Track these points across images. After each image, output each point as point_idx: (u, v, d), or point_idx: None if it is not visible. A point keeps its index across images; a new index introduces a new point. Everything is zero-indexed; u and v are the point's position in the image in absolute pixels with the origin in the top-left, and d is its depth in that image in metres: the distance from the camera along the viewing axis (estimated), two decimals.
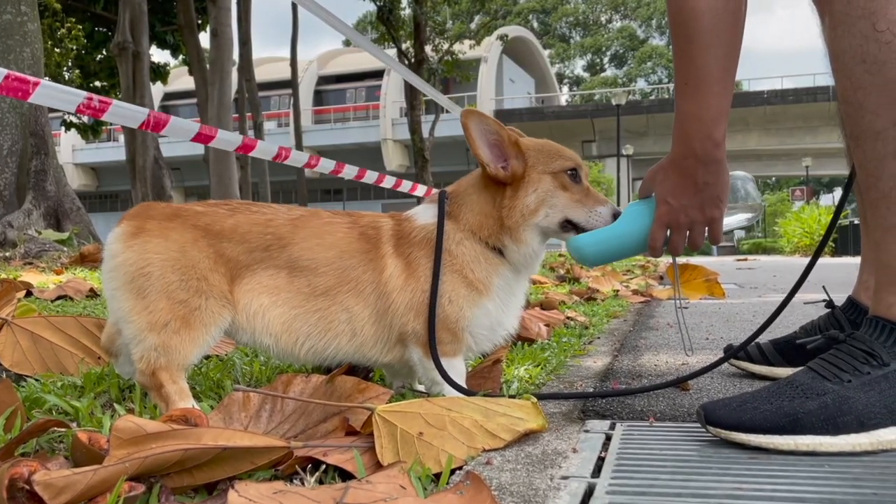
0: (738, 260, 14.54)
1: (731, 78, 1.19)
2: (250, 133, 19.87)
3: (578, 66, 73.71)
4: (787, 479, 0.87)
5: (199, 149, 22.60)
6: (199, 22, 17.72)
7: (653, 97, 53.59)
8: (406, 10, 22.24)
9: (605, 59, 71.77)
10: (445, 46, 23.02)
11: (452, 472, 0.94)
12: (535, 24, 69.82)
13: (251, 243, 1.29)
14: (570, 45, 71.86)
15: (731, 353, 1.43)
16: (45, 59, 6.94)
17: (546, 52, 56.54)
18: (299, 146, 23.84)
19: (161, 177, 14.33)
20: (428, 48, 22.10)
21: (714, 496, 0.82)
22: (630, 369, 1.69)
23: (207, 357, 1.69)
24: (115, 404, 1.26)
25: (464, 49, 24.19)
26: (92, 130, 22.23)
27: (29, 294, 2.77)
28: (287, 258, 1.29)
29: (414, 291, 1.27)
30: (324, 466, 0.99)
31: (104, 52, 20.70)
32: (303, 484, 0.94)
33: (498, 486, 0.87)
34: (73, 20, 19.87)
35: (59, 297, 2.80)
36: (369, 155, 41.51)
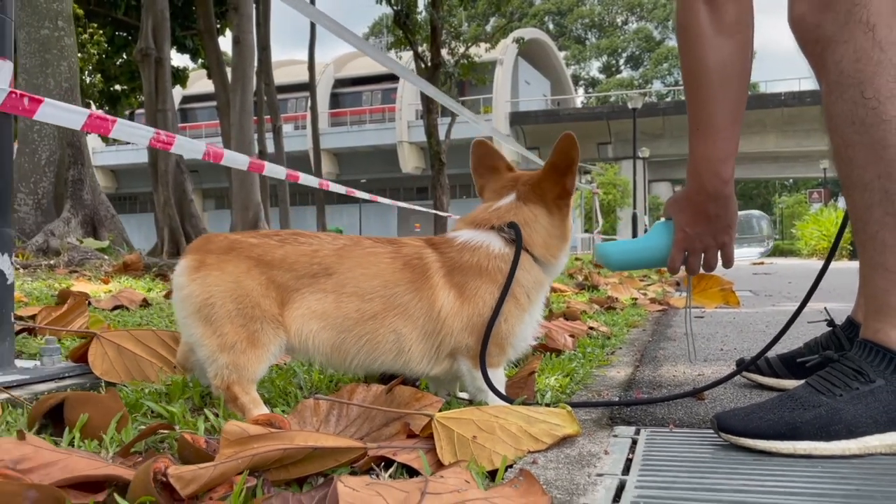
0: (755, 264, 14.58)
1: (738, 124, 1.37)
2: (269, 136, 20.12)
3: (594, 68, 73.63)
4: (786, 478, 1.05)
5: None
6: (219, 26, 17.97)
7: (669, 99, 53.46)
8: (422, 14, 22.38)
9: (621, 61, 71.64)
10: (462, 50, 23.15)
11: (505, 469, 1.12)
12: (551, 26, 69.81)
13: (298, 272, 1.44)
14: (585, 47, 71.79)
15: (743, 366, 1.60)
16: None
17: (562, 54, 56.52)
18: (317, 149, 24.10)
19: (182, 181, 14.56)
20: (444, 51, 22.25)
21: (725, 490, 1.00)
22: (651, 379, 1.86)
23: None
24: (205, 409, 1.45)
25: (479, 52, 24.33)
26: None
27: (87, 304, 2.97)
28: (333, 285, 1.44)
29: (471, 316, 1.43)
30: (394, 465, 1.17)
31: (124, 56, 21.03)
32: (379, 479, 1.13)
33: (545, 481, 1.05)
34: (95, 25, 20.20)
35: (115, 307, 3.01)
36: (385, 157, 41.78)
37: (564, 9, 70.60)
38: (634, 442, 1.28)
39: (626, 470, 1.12)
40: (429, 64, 21.77)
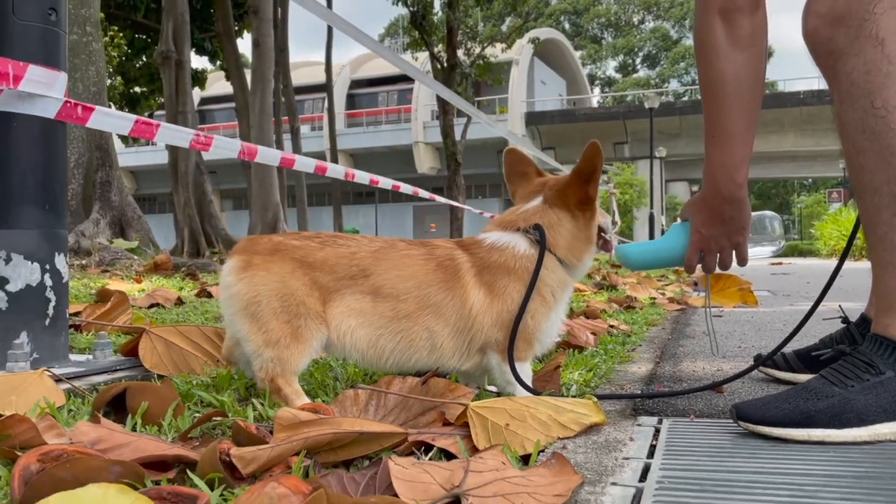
0: (773, 264, 14.53)
1: (752, 131, 1.45)
2: (286, 137, 20.32)
3: (610, 67, 73.41)
4: (801, 462, 1.13)
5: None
6: (237, 28, 18.14)
7: (686, 98, 53.16)
8: (438, 15, 22.47)
9: (638, 60, 71.36)
10: (477, 51, 23.22)
11: (538, 454, 1.21)
12: (567, 26, 69.69)
13: (338, 273, 1.53)
14: (601, 47, 71.58)
15: (760, 361, 1.68)
16: None
17: (577, 54, 56.39)
18: (334, 150, 24.28)
19: (202, 182, 14.76)
20: (460, 52, 22.33)
21: (743, 472, 1.08)
22: (671, 374, 1.94)
23: None
24: (252, 400, 1.55)
25: (495, 53, 24.38)
26: None
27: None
28: (371, 286, 1.53)
29: (500, 312, 1.52)
30: (433, 449, 1.25)
31: (144, 59, 21.30)
32: (421, 461, 1.21)
33: (575, 463, 1.14)
34: (116, 28, 20.48)
35: (152, 305, 3.13)
36: (401, 158, 41.92)
37: (580, 8, 70.44)
38: (657, 430, 1.36)
39: (651, 454, 1.20)
40: (445, 65, 21.87)
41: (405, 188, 4.34)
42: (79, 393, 1.59)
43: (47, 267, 1.79)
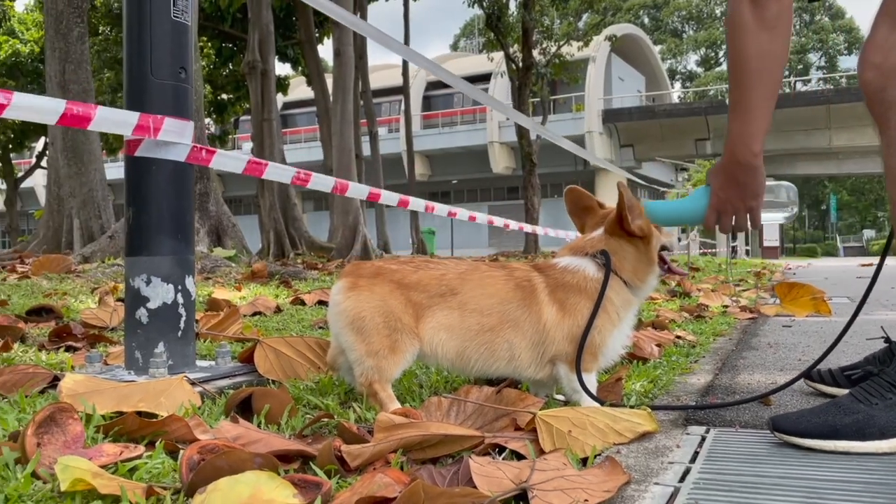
0: (863, 265, 13.98)
1: (770, 106, 1.58)
2: (364, 140, 20.88)
3: (691, 61, 71.44)
4: (824, 469, 1.30)
5: (317, 154, 23.93)
6: (318, 35, 18.73)
7: None
8: (514, 15, 22.55)
9: (721, 53, 69.14)
10: (553, 49, 23.19)
11: (595, 457, 1.42)
12: (646, 20, 68.28)
13: (430, 292, 1.80)
14: (682, 40, 69.75)
15: (801, 374, 1.83)
16: None
17: (657, 49, 55.15)
18: (410, 151, 24.73)
19: (286, 186, 15.39)
20: (535, 52, 22.36)
21: (769, 477, 1.27)
22: (727, 386, 2.11)
23: None
24: (353, 404, 1.82)
25: (572, 51, 24.26)
26: (219, 140, 23.94)
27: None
28: (458, 302, 1.79)
29: (571, 327, 1.75)
30: (505, 450, 1.48)
31: (230, 67, 22.30)
32: (495, 460, 1.45)
33: (626, 465, 1.35)
34: (205, 38, 21.51)
35: (254, 313, 3.47)
36: (476, 158, 42.15)
37: (660, 2, 68.87)
38: (703, 439, 1.55)
39: (693, 460, 1.40)
40: (520, 65, 21.96)
41: (480, 217, 4.57)
42: (209, 395, 1.91)
43: (179, 287, 2.12)
